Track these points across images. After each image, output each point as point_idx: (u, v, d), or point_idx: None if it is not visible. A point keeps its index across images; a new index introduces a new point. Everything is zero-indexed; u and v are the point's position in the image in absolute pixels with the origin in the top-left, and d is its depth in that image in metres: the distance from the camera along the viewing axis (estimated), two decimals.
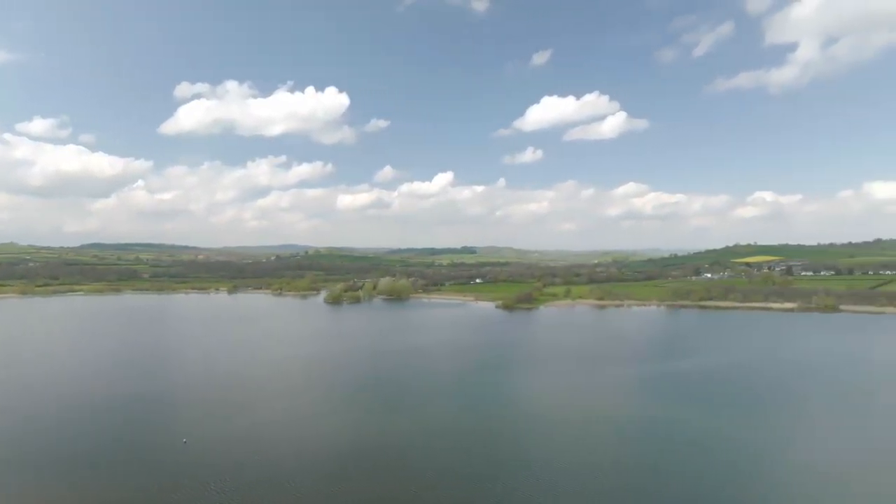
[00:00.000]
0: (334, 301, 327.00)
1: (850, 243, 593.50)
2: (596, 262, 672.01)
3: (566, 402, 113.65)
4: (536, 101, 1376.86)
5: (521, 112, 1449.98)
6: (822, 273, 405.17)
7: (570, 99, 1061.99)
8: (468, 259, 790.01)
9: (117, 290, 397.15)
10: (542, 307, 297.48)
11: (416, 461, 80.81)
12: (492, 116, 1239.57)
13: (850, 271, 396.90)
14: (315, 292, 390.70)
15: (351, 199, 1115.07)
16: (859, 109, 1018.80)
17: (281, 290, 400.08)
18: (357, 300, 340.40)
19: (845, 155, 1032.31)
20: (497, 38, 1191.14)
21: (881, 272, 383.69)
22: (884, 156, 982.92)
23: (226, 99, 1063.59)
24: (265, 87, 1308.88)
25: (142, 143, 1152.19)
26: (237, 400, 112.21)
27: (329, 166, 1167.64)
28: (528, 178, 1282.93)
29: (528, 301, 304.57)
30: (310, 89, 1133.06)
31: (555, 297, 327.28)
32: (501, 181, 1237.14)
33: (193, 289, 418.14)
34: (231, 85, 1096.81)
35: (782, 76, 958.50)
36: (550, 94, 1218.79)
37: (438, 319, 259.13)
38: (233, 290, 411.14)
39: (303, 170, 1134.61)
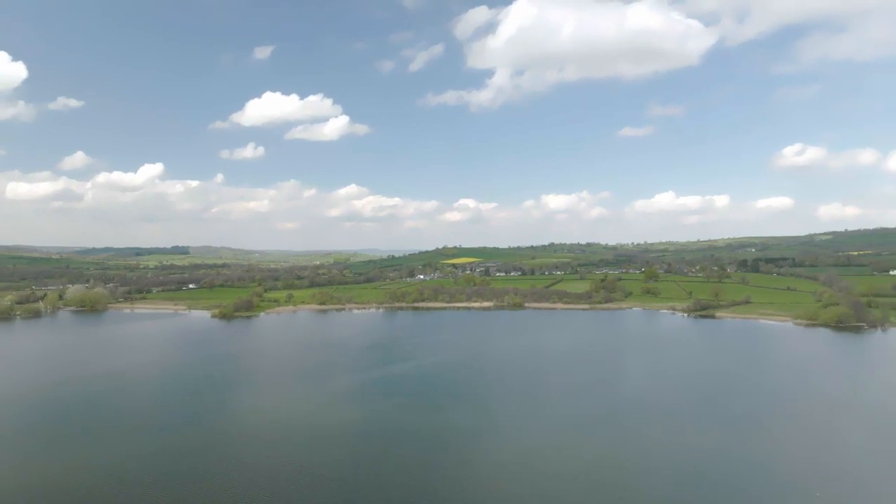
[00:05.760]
0: (3, 316, 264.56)
1: (531, 246, 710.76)
2: (318, 262, 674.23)
3: (287, 417, 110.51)
4: (257, 95, 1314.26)
5: (240, 105, 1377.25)
6: (511, 273, 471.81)
7: (294, 97, 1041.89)
8: (179, 260, 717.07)
9: None
10: (262, 314, 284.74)
11: None
12: (208, 106, 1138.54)
13: (532, 272, 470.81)
14: None
15: (28, 188, 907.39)
16: (538, 133, 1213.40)
17: None
18: (37, 314, 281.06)
19: (528, 171, 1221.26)
20: (215, 23, 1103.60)
21: (553, 272, 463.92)
22: (555, 173, 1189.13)
23: None
24: None
25: None
26: None
27: None
28: (248, 175, 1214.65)
29: (247, 308, 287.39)
30: None
31: (276, 302, 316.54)
32: (219, 177, 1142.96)
33: None
34: None
35: (481, 97, 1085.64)
36: (273, 91, 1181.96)
37: (143, 334, 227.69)
38: None
39: None
